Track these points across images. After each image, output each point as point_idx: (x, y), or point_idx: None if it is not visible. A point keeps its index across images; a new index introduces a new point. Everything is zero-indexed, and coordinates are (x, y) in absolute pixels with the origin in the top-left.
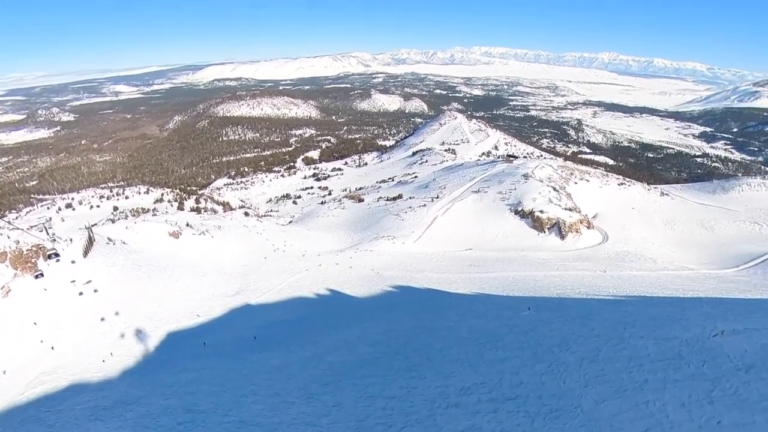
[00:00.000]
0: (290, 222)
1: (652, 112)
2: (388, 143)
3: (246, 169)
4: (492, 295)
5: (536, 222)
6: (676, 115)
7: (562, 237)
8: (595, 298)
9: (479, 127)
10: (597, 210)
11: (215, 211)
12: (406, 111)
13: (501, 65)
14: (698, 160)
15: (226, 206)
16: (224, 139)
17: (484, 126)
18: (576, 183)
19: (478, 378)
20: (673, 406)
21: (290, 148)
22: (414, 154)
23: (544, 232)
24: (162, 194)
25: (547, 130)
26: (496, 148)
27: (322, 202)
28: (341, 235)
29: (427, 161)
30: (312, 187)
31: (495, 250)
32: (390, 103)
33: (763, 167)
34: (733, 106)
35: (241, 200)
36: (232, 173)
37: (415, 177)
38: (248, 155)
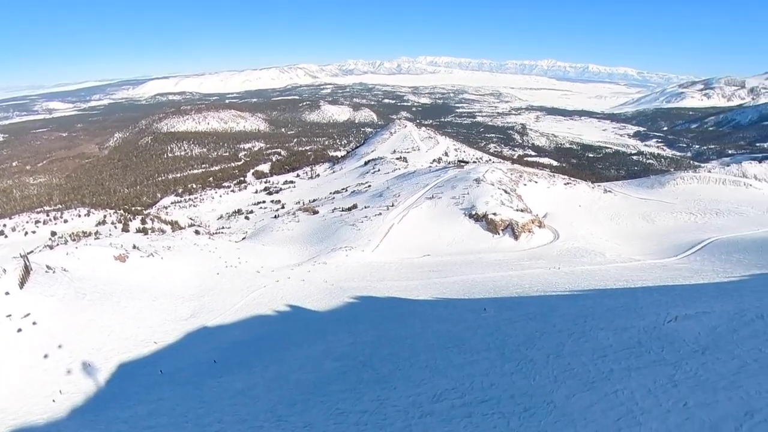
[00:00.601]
0: (243, 238)
1: (589, 114)
2: (339, 154)
3: (194, 186)
4: (453, 299)
5: (490, 224)
6: (612, 117)
7: (516, 237)
8: (553, 295)
9: (429, 134)
10: (546, 209)
11: (163, 231)
12: (356, 121)
13: (446, 74)
14: (634, 157)
15: (175, 225)
16: (169, 155)
17: (434, 133)
18: (525, 185)
19: (448, 383)
20: (640, 393)
21: (239, 163)
22: (366, 163)
23: (499, 233)
24: (104, 216)
25: (493, 135)
26: (446, 154)
27: (275, 216)
28: (298, 248)
29: (379, 170)
30: (264, 202)
31: (452, 254)
32: (339, 113)
33: (692, 162)
34: (662, 107)
35: (191, 218)
36: (180, 191)
37: (369, 186)
38: (196, 171)
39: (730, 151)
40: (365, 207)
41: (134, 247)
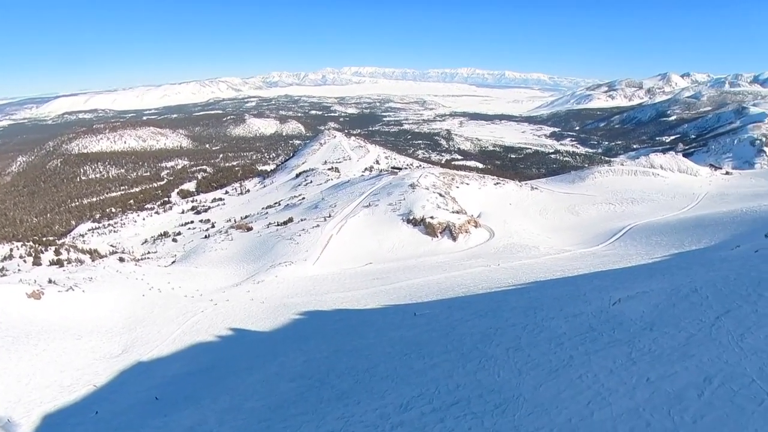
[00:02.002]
0: (173, 262)
1: (509, 118)
2: (268, 168)
3: (113, 210)
4: (402, 304)
5: (428, 228)
6: (530, 119)
7: (454, 239)
8: (499, 290)
9: (359, 143)
10: (480, 209)
11: (82, 262)
12: (284, 134)
13: (371, 84)
14: (552, 156)
15: (95, 254)
16: (83, 178)
17: (364, 142)
18: (458, 187)
19: (414, 390)
20: (603, 375)
21: (162, 182)
22: (298, 175)
23: (437, 236)
24: (11, 249)
25: (421, 141)
26: (377, 162)
27: (206, 236)
28: (234, 268)
29: (311, 182)
30: (192, 222)
31: (394, 260)
32: (266, 126)
33: (603, 157)
34: (573, 108)
35: (112, 245)
36: (97, 216)
37: (303, 199)
38: (114, 194)
39: (634, 146)
40: (301, 220)
41: (50, 281)
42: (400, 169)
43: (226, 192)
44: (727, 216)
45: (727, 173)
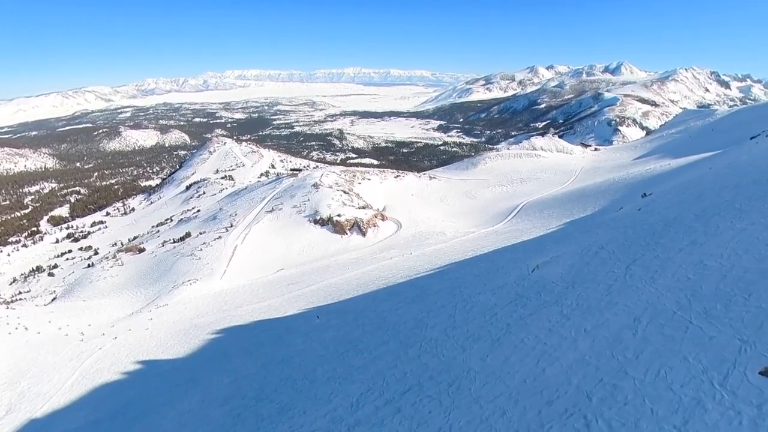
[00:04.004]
0: (54, 299)
1: (398, 114)
2: (153, 183)
3: None
4: (323, 305)
5: (337, 226)
6: (417, 115)
7: (364, 234)
8: (419, 277)
9: (251, 149)
10: (384, 203)
11: None
12: (166, 145)
13: (257, 87)
14: (441, 148)
15: None
16: None
17: (256, 147)
18: (360, 183)
19: (360, 387)
20: (543, 334)
21: (27, 210)
22: (188, 187)
23: (347, 233)
24: None
25: (314, 142)
26: (273, 166)
27: (89, 265)
28: (130, 295)
29: (205, 193)
30: (71, 251)
31: (306, 262)
32: (145, 138)
33: (486, 145)
34: (456, 102)
35: None
36: None
37: (198, 211)
38: None
39: (513, 133)
40: (201, 233)
41: None
42: (299, 170)
43: (108, 213)
44: (603, 185)
45: (596, 149)
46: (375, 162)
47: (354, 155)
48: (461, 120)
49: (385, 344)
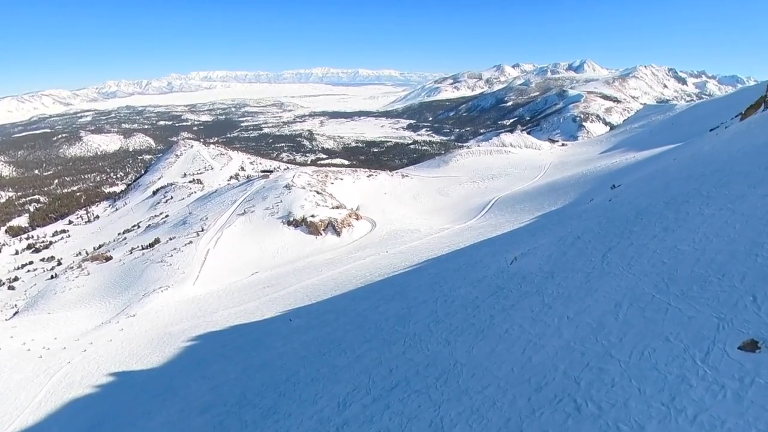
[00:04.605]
0: (16, 314)
1: (367, 114)
2: (118, 189)
3: None
4: (302, 307)
5: (311, 227)
6: (386, 114)
7: (338, 234)
8: (397, 274)
9: (219, 151)
10: (358, 202)
11: None
12: (131, 149)
13: (224, 88)
14: (411, 146)
15: None
16: None
17: (225, 150)
18: (333, 183)
19: (346, 387)
20: (527, 324)
21: None
22: (155, 192)
23: (321, 234)
24: None
25: (284, 144)
26: (242, 169)
27: (53, 276)
28: (98, 305)
29: (173, 197)
30: (32, 262)
31: (281, 265)
32: (108, 143)
33: (456, 143)
34: (425, 101)
35: None
36: None
37: (166, 216)
38: None
39: (482, 130)
40: (170, 239)
41: None
42: (271, 171)
43: (70, 222)
44: (572, 178)
45: (563, 145)
46: (346, 162)
47: (324, 156)
48: (430, 119)
49: (368, 342)
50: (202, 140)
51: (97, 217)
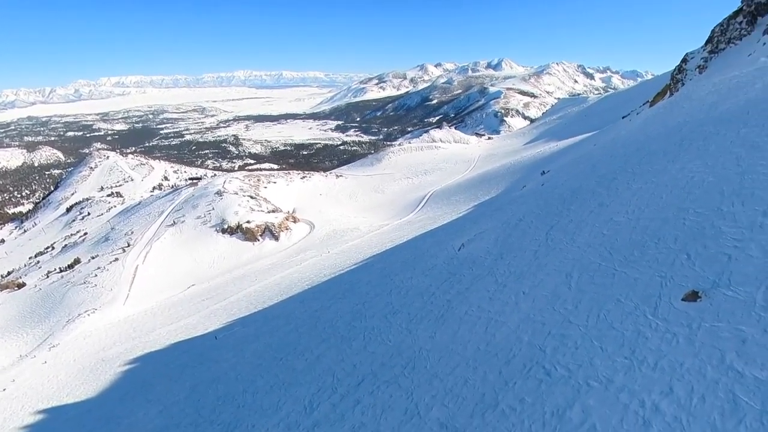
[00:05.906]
0: None
1: (294, 116)
2: (24, 208)
3: None
4: (247, 315)
5: (247, 233)
6: (314, 116)
7: (277, 238)
8: (344, 272)
9: (139, 161)
10: (294, 205)
11: None
12: (36, 164)
13: (139, 95)
14: (341, 147)
15: None
16: None
17: (145, 159)
18: (266, 187)
19: (310, 389)
20: (485, 303)
21: None
22: (69, 210)
23: (258, 239)
24: None
25: (208, 150)
26: (166, 178)
27: None
28: (14, 338)
29: (90, 213)
30: None
31: (219, 274)
32: (8, 158)
33: (385, 142)
34: (351, 101)
35: None
36: None
37: (85, 234)
38: None
39: (409, 129)
40: (93, 258)
41: None
42: (199, 178)
43: None
44: (502, 169)
45: (489, 138)
46: (275, 166)
47: (252, 161)
48: (358, 119)
49: (326, 342)
50: (118, 150)
51: (3, 241)
